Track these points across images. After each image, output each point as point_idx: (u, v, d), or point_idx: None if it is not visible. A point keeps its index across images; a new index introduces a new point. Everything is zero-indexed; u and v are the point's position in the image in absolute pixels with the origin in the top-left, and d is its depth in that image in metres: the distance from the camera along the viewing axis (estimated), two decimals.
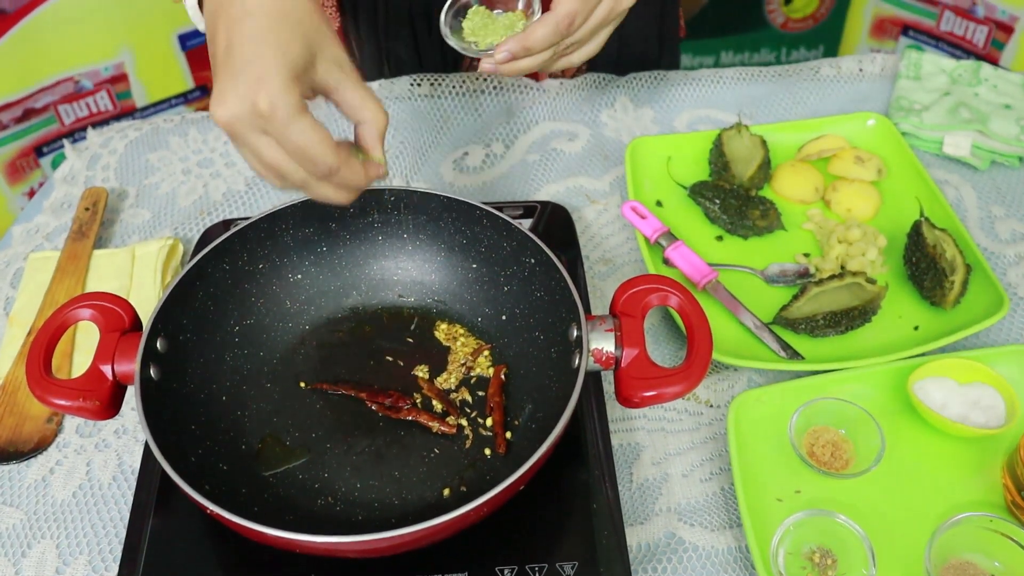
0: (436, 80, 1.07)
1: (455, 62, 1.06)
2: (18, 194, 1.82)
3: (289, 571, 0.63)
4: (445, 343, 0.76)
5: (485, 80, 1.06)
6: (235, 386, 0.72)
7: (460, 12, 0.76)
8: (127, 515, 0.68)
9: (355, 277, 0.79)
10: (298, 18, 0.58)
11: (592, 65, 1.11)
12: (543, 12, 0.71)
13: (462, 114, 1.05)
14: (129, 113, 1.87)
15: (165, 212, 0.96)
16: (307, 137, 0.57)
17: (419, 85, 1.07)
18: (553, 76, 1.11)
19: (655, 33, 1.13)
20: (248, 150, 0.58)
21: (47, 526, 0.70)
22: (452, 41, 0.75)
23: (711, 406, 0.77)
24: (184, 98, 1.94)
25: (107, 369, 0.63)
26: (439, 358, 0.75)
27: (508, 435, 0.69)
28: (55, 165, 1.79)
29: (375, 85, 1.07)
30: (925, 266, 0.83)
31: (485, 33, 0.74)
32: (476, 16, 0.75)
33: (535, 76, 1.09)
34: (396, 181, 0.99)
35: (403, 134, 1.02)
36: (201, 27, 0.63)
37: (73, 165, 1.02)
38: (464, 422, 0.70)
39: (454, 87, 1.06)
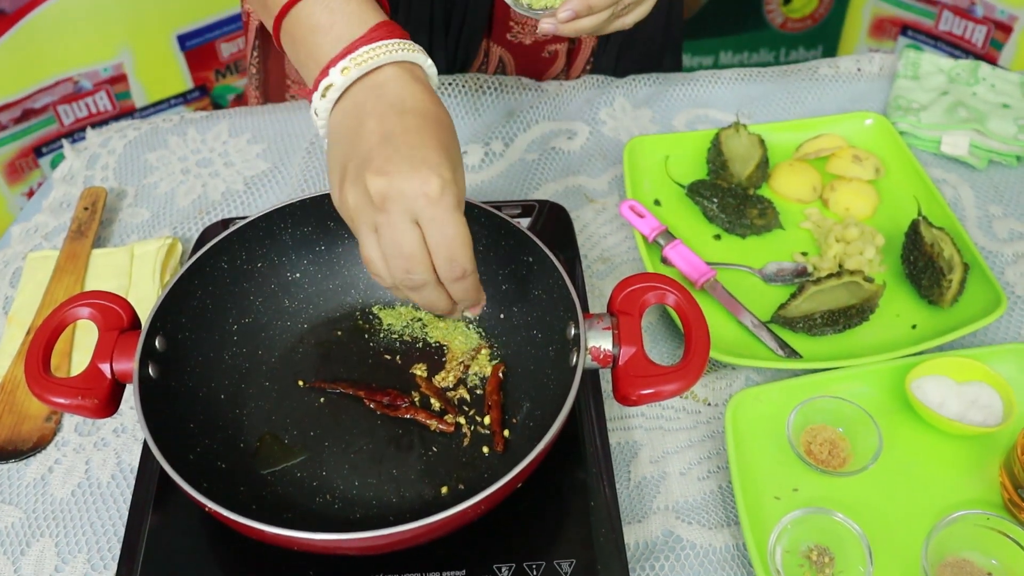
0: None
1: (463, 65, 1.06)
2: (17, 194, 1.82)
3: (287, 569, 0.63)
4: (443, 342, 0.76)
5: (486, 80, 1.06)
6: (233, 384, 0.72)
7: None
8: (126, 513, 0.68)
9: (353, 276, 0.79)
10: (448, 123, 0.60)
11: (594, 67, 1.11)
12: None
13: (463, 113, 1.05)
14: (128, 113, 1.87)
15: (164, 211, 0.96)
16: (460, 232, 0.57)
17: None
18: (555, 78, 1.11)
19: (659, 37, 1.14)
20: (388, 232, 0.56)
21: (46, 524, 0.70)
22: (510, 1, 0.76)
23: (709, 404, 0.78)
24: (183, 98, 1.94)
25: (106, 367, 0.63)
26: (437, 356, 0.75)
27: (506, 433, 0.69)
28: (54, 165, 1.80)
29: None
30: (923, 265, 0.83)
31: None
32: None
33: (537, 76, 1.09)
34: None
35: None
36: (322, 131, 0.63)
37: (72, 165, 1.02)
38: (462, 420, 0.71)
39: (456, 87, 1.06)
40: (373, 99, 0.59)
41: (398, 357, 0.75)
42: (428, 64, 0.62)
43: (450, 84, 1.06)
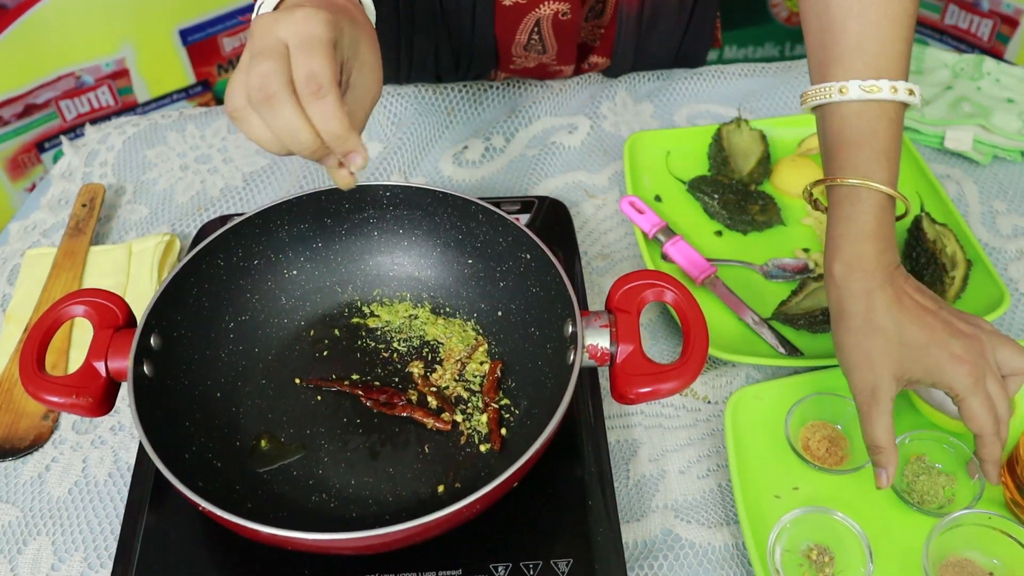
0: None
1: (468, 65, 1.06)
2: (19, 190, 1.82)
3: (283, 568, 0.63)
4: (440, 339, 0.76)
5: (490, 81, 1.06)
6: (229, 382, 0.72)
7: None
8: (122, 512, 0.68)
9: (350, 273, 0.79)
10: (354, 16, 0.62)
11: (605, 71, 1.11)
12: None
13: (466, 109, 1.05)
14: (130, 108, 1.87)
15: (162, 208, 0.96)
16: (322, 47, 0.56)
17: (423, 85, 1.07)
18: (557, 77, 1.10)
19: (673, 56, 1.13)
20: (257, 44, 0.56)
21: (43, 523, 0.70)
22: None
23: (709, 402, 0.77)
24: (186, 93, 1.94)
25: (100, 366, 0.63)
26: (434, 354, 0.75)
27: (503, 431, 0.69)
28: (56, 161, 1.79)
29: None
30: (925, 261, 0.83)
31: None
32: None
33: (538, 75, 1.09)
34: (394, 176, 0.98)
35: (405, 129, 1.02)
36: None
37: (71, 161, 1.01)
38: (459, 418, 0.70)
39: (459, 85, 1.05)
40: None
41: (395, 355, 0.75)
42: None
43: (453, 84, 1.06)
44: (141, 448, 0.71)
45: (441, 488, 0.66)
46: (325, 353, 0.75)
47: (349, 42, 0.59)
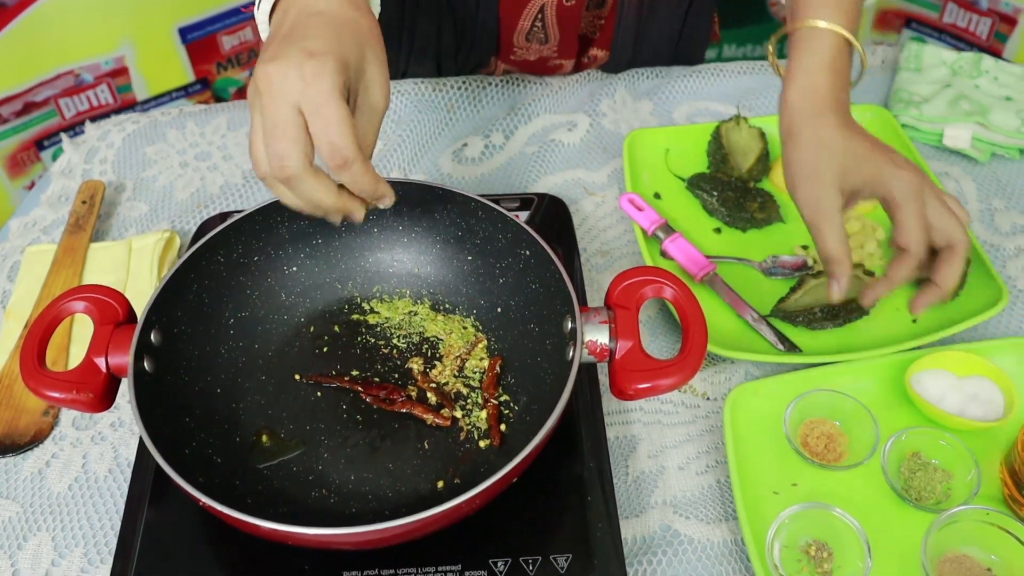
0: (440, 79, 1.07)
1: (469, 50, 1.06)
2: (19, 187, 1.82)
3: (283, 562, 0.63)
4: (440, 336, 0.76)
5: (491, 77, 1.06)
6: (230, 378, 0.72)
7: None
8: (122, 507, 0.68)
9: (350, 269, 0.79)
10: (363, 26, 0.61)
11: (604, 66, 1.11)
12: None
13: (466, 106, 1.05)
14: (130, 106, 1.87)
15: (162, 205, 0.96)
16: (338, 115, 0.56)
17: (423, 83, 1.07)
18: (557, 73, 1.11)
19: (670, 57, 1.13)
20: (270, 113, 0.57)
21: (43, 518, 0.70)
22: None
23: (708, 399, 0.77)
24: (185, 91, 1.94)
25: (101, 362, 0.63)
26: (434, 351, 0.75)
27: (502, 427, 0.69)
28: (55, 158, 1.79)
29: None
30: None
31: None
32: None
33: (538, 70, 1.09)
34: (394, 173, 0.98)
35: (405, 126, 1.02)
36: (265, 36, 0.66)
37: (70, 159, 1.01)
38: (458, 414, 0.70)
39: (459, 82, 1.05)
40: (293, 6, 0.61)
41: (395, 351, 0.75)
42: None
43: (454, 80, 1.06)
44: (141, 444, 0.71)
45: (440, 484, 0.66)
46: (325, 349, 0.75)
47: (355, 66, 0.59)
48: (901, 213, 0.69)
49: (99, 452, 0.74)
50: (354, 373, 0.73)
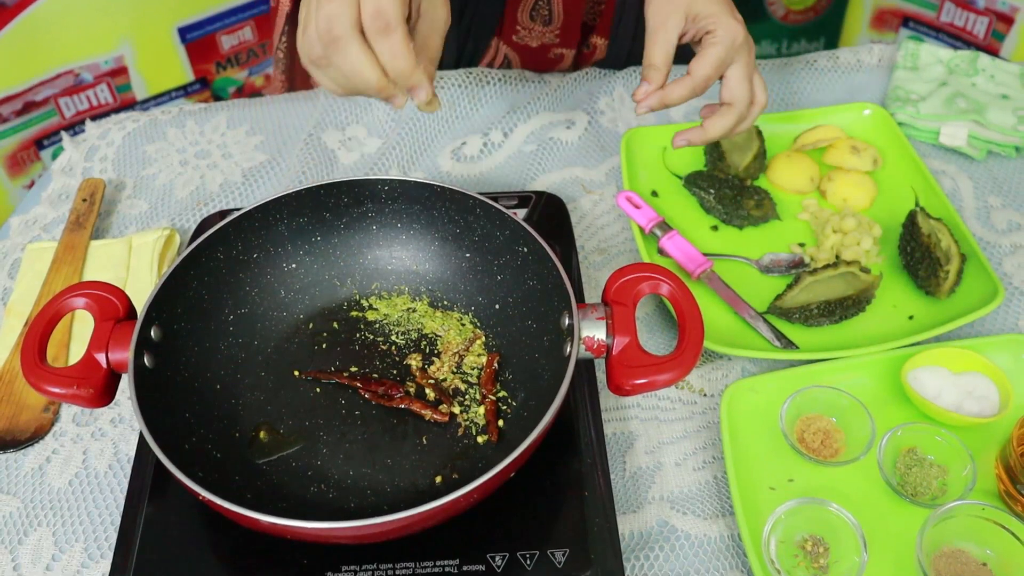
0: (440, 75, 1.07)
1: (471, 60, 1.07)
2: (18, 187, 1.82)
3: (282, 557, 0.63)
4: (438, 332, 0.76)
5: (490, 74, 1.06)
6: (229, 374, 0.72)
7: None
8: (122, 503, 0.68)
9: (349, 266, 0.79)
10: None
11: (600, 62, 1.11)
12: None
13: (465, 104, 1.05)
14: (129, 106, 1.87)
15: (162, 203, 0.96)
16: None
17: None
18: (552, 69, 1.11)
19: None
20: (341, 52, 0.58)
21: (43, 514, 0.70)
22: None
23: (705, 395, 0.78)
24: (184, 91, 1.94)
25: (101, 357, 0.63)
26: (432, 347, 0.75)
27: (500, 423, 0.70)
28: (55, 158, 1.79)
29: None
30: (920, 255, 0.83)
31: None
32: None
33: (538, 62, 1.09)
34: (393, 171, 0.99)
35: (404, 125, 1.03)
36: None
37: (71, 157, 1.02)
38: (457, 410, 0.71)
39: (459, 79, 1.06)
40: None
41: (393, 348, 0.75)
42: None
43: (454, 77, 1.06)
44: (141, 439, 0.71)
45: (439, 479, 0.67)
46: (324, 346, 0.75)
47: None
48: (734, 69, 0.77)
49: (99, 448, 0.74)
50: (353, 369, 0.74)
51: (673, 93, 0.77)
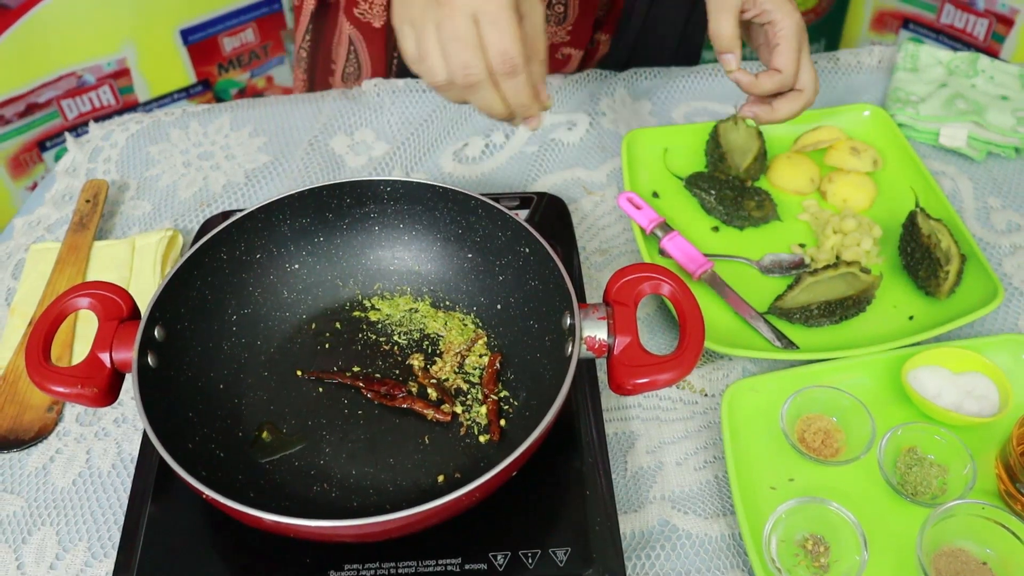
0: None
1: None
2: (21, 188, 1.83)
3: (285, 556, 0.63)
4: (440, 332, 0.76)
5: None
6: (232, 374, 0.72)
7: None
8: (126, 502, 0.69)
9: (352, 267, 0.79)
10: None
11: (601, 63, 1.11)
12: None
13: (467, 105, 1.05)
14: (131, 108, 1.88)
15: (165, 204, 0.97)
16: (512, 27, 0.61)
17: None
18: (558, 71, 1.11)
19: (674, 42, 1.14)
20: (449, 24, 0.61)
21: (47, 513, 0.71)
22: None
23: (706, 395, 0.78)
24: (186, 92, 1.95)
25: (105, 357, 0.64)
26: (434, 347, 0.76)
27: (502, 423, 0.70)
28: (58, 159, 1.80)
29: (377, 81, 1.08)
30: (920, 256, 0.84)
31: None
32: None
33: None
34: (395, 172, 0.99)
35: (407, 127, 1.03)
36: None
37: (75, 157, 1.02)
38: (459, 410, 0.71)
39: None
40: None
41: (395, 348, 0.76)
42: None
43: None
44: (145, 439, 0.72)
45: (441, 478, 0.67)
46: (326, 346, 0.76)
47: None
48: (803, 56, 0.81)
49: (103, 447, 0.75)
50: (355, 369, 0.74)
51: (765, 84, 0.82)
